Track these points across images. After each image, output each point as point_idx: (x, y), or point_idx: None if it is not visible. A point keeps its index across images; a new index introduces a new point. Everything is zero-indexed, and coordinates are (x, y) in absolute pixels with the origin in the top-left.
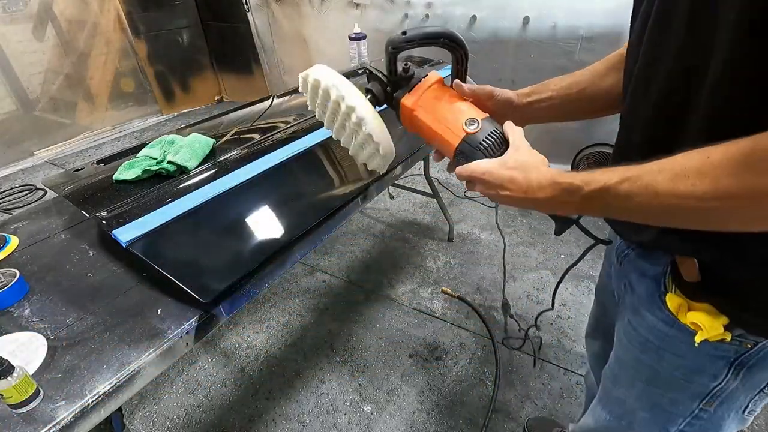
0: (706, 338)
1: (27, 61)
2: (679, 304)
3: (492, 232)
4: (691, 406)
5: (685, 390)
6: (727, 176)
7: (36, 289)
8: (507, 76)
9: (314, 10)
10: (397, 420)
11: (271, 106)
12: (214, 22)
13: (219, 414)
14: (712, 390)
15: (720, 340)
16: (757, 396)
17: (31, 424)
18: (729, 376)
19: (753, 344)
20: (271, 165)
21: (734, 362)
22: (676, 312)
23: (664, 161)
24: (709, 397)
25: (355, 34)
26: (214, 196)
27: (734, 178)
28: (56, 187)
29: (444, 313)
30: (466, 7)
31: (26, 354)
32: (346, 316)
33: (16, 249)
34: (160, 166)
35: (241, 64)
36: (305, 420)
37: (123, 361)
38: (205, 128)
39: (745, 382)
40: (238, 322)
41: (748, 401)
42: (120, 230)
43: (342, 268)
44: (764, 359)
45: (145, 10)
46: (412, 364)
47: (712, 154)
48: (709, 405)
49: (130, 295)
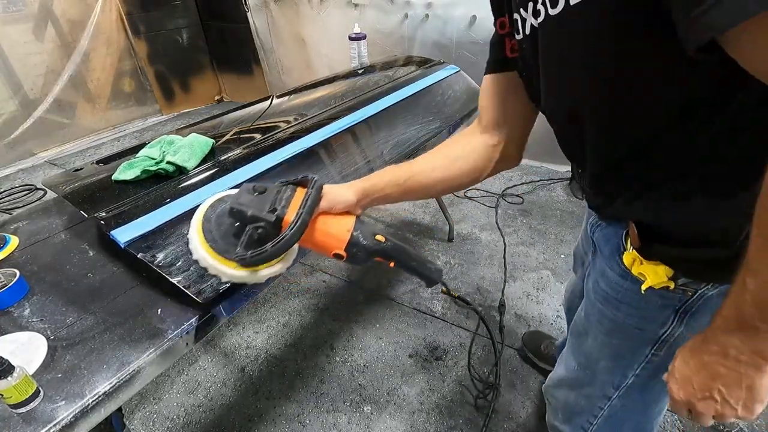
0: (651, 285)
1: (27, 61)
2: (633, 259)
3: (492, 232)
4: (644, 352)
5: (638, 338)
6: None
7: (36, 289)
8: None
9: (313, 11)
10: (397, 420)
11: (271, 106)
12: (214, 22)
13: (219, 414)
14: (661, 336)
15: (665, 288)
16: None
17: (31, 424)
18: (674, 322)
19: (693, 292)
20: (270, 165)
21: (679, 310)
22: (629, 266)
23: None
24: (659, 343)
25: (355, 34)
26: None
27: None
28: (56, 187)
29: (444, 313)
30: (466, 7)
31: (26, 354)
32: (346, 316)
33: (16, 249)
34: (159, 167)
35: (241, 64)
36: (305, 420)
37: (123, 361)
38: (205, 128)
39: (689, 328)
40: (238, 322)
41: None
42: (119, 230)
43: (342, 268)
44: (704, 305)
45: (145, 10)
46: (412, 364)
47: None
48: (659, 350)
49: (130, 295)
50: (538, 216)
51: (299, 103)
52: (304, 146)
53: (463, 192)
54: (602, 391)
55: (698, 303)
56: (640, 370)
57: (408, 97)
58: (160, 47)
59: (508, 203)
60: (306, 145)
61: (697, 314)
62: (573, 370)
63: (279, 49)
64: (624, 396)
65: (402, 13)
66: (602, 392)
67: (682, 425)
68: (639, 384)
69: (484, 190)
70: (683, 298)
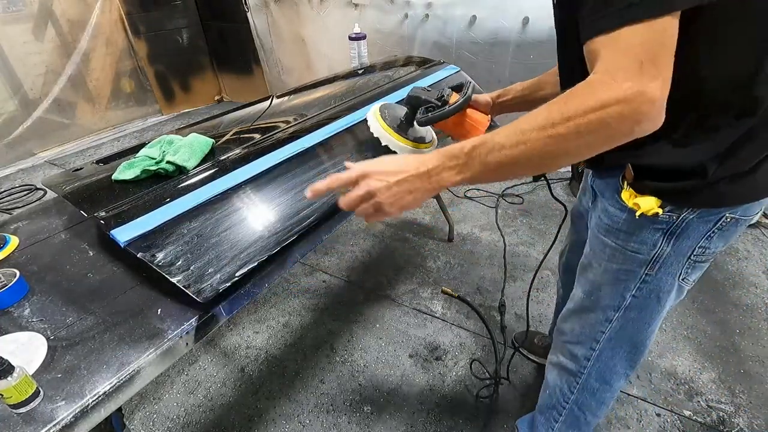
0: (643, 212)
1: (27, 61)
2: (629, 194)
3: (492, 232)
4: (639, 273)
5: (634, 260)
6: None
7: (36, 289)
8: (506, 77)
9: (313, 11)
10: (397, 420)
11: (271, 106)
12: (214, 22)
13: (219, 414)
14: (653, 257)
15: (655, 214)
16: (687, 263)
17: (31, 424)
18: (663, 243)
19: (677, 216)
20: (270, 165)
21: (666, 232)
22: (626, 201)
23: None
24: (652, 263)
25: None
26: (213, 195)
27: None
28: (55, 186)
29: (444, 313)
30: (466, 7)
31: (26, 354)
32: (346, 316)
33: (16, 249)
34: (159, 166)
35: (241, 64)
36: (305, 420)
37: (123, 361)
38: (205, 128)
39: (675, 248)
40: (238, 322)
41: (681, 268)
42: (118, 230)
43: (342, 268)
44: (686, 229)
45: (145, 10)
46: (412, 364)
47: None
48: (651, 269)
49: (130, 295)
50: (538, 216)
51: (299, 103)
52: (304, 146)
53: (463, 192)
54: (604, 315)
55: (681, 226)
56: (636, 290)
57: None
58: (160, 47)
59: (508, 203)
60: (306, 145)
61: (681, 236)
62: (580, 300)
63: (279, 49)
64: (622, 317)
65: (402, 13)
66: (604, 316)
67: (682, 425)
68: (635, 304)
69: (484, 190)
70: (670, 222)
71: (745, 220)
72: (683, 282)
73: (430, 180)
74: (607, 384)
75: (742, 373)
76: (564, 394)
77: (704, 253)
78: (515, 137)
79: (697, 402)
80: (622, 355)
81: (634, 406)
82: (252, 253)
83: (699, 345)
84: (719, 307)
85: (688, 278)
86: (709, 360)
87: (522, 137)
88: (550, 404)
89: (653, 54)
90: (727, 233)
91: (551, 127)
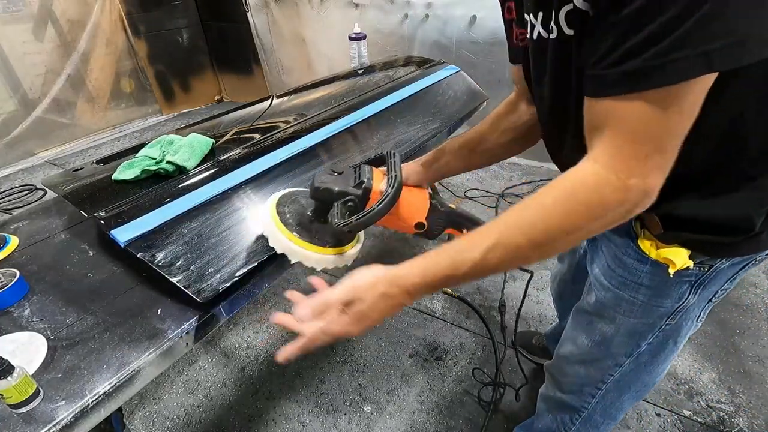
0: (677, 270)
1: (27, 61)
2: (651, 244)
3: None
4: (659, 324)
5: (655, 313)
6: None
7: (36, 289)
8: (507, 77)
9: (314, 11)
10: (397, 420)
11: (271, 106)
12: (214, 22)
13: (219, 414)
14: (677, 308)
15: (685, 268)
16: (707, 305)
17: (31, 424)
18: (690, 295)
19: (709, 267)
20: (270, 165)
21: (695, 284)
22: (648, 252)
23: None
24: (674, 314)
25: (355, 34)
26: (213, 195)
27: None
28: (55, 186)
29: (444, 313)
30: (466, 7)
31: (26, 354)
32: None
33: (16, 249)
34: (159, 166)
35: (241, 64)
36: (305, 420)
37: (123, 361)
38: (205, 128)
39: (700, 296)
40: (238, 322)
41: (701, 311)
42: (118, 230)
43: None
44: (716, 277)
45: (145, 10)
46: (412, 364)
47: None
48: (672, 319)
49: (130, 295)
50: None
51: (299, 103)
52: (304, 146)
53: (463, 192)
54: (615, 361)
55: (711, 276)
56: (653, 339)
57: (408, 97)
58: (160, 47)
59: (508, 203)
60: (306, 145)
61: (708, 285)
62: (585, 347)
63: (279, 49)
64: (635, 362)
65: (402, 13)
66: (615, 362)
67: (682, 425)
68: (650, 350)
69: (484, 190)
70: (700, 273)
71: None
72: (699, 321)
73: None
74: (612, 419)
75: (742, 373)
76: (565, 424)
77: (724, 293)
78: (490, 245)
79: (697, 402)
80: (631, 394)
81: (634, 406)
82: (252, 252)
83: (699, 345)
84: (719, 307)
85: (704, 315)
86: (709, 360)
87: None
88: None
89: (662, 141)
90: (747, 271)
91: (543, 232)
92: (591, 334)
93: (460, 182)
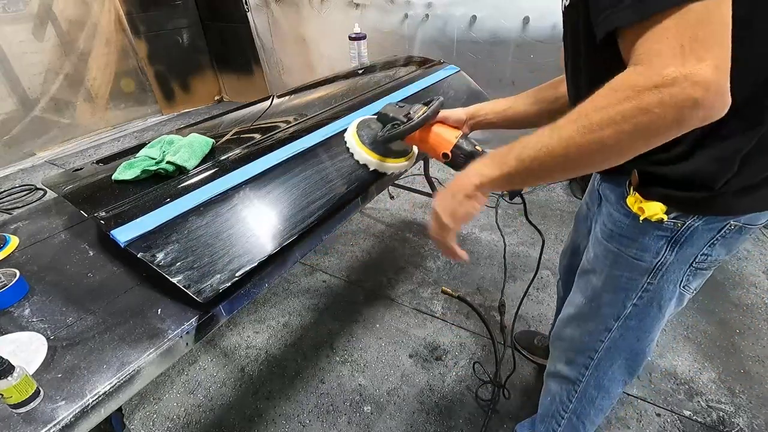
0: (647, 217)
1: (27, 61)
2: (635, 200)
3: (492, 232)
4: (641, 281)
5: (637, 268)
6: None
7: (36, 289)
8: (507, 77)
9: (314, 11)
10: (397, 420)
11: (271, 106)
12: (214, 22)
13: (219, 414)
14: (656, 265)
15: (659, 220)
16: (689, 270)
17: (31, 424)
18: (666, 251)
19: (683, 223)
20: (270, 165)
21: (671, 240)
22: (632, 206)
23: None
24: (654, 272)
25: (355, 34)
26: (213, 196)
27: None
28: (55, 187)
29: (444, 313)
30: (466, 7)
31: (26, 354)
32: (346, 316)
33: (16, 249)
34: (159, 166)
35: (241, 64)
36: (305, 420)
37: (123, 361)
38: (205, 128)
39: (678, 256)
40: (238, 322)
41: (683, 276)
42: (118, 230)
43: (342, 268)
44: (691, 236)
45: (145, 10)
46: (412, 364)
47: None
48: (654, 278)
49: (130, 295)
50: (538, 216)
51: (299, 103)
52: (304, 146)
53: None
54: (604, 324)
55: (686, 234)
56: (637, 299)
57: (408, 97)
58: (160, 47)
59: (508, 203)
60: (306, 145)
61: (685, 244)
62: (580, 305)
63: (279, 49)
64: (622, 326)
65: (402, 13)
66: (604, 325)
67: (682, 425)
68: (635, 313)
69: None
70: (675, 229)
71: (748, 229)
72: (684, 290)
73: (469, 179)
74: (606, 392)
75: (742, 373)
76: (563, 402)
77: (706, 261)
78: (548, 131)
79: (697, 402)
80: (621, 364)
81: (634, 406)
82: (252, 252)
83: (699, 345)
84: (719, 307)
85: (689, 286)
86: (709, 360)
87: (555, 131)
88: (549, 413)
89: (695, 33)
90: (729, 241)
91: (585, 116)
92: (585, 290)
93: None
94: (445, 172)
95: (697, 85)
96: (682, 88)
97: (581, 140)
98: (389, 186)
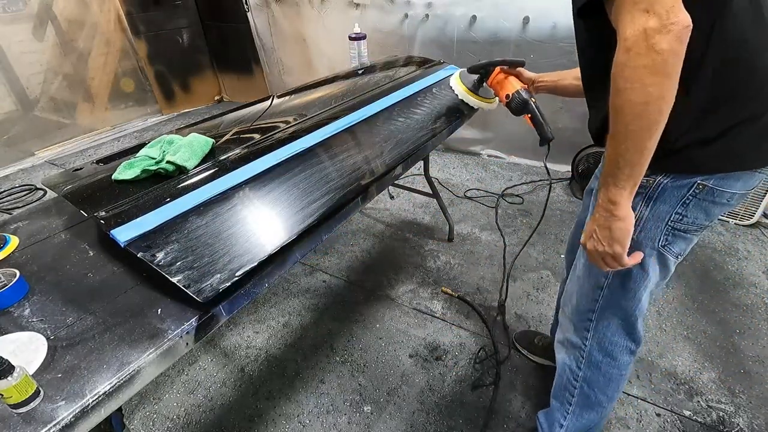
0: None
1: (27, 61)
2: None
3: (492, 232)
4: None
5: None
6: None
7: (36, 289)
8: None
9: (314, 11)
10: (397, 420)
11: (271, 106)
12: (214, 22)
13: (219, 414)
14: (635, 220)
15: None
16: (665, 229)
17: (31, 424)
18: (642, 206)
19: (653, 180)
20: (270, 165)
21: (645, 196)
22: None
23: None
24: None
25: (355, 33)
26: (213, 195)
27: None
28: (55, 186)
29: (444, 313)
30: (466, 7)
31: (26, 354)
32: (346, 316)
33: (16, 249)
34: (159, 166)
35: (241, 64)
36: (305, 420)
37: (123, 361)
38: (205, 128)
39: (653, 212)
40: (238, 322)
41: (660, 234)
42: (118, 230)
43: (342, 268)
44: (662, 193)
45: (145, 10)
46: (412, 364)
47: None
48: (633, 233)
49: (130, 295)
50: (537, 216)
51: (299, 103)
52: (304, 146)
53: (463, 192)
54: (596, 282)
55: (657, 190)
56: None
57: (408, 97)
58: (160, 47)
59: (508, 203)
60: (306, 145)
61: (657, 200)
62: (580, 270)
63: (279, 48)
64: (611, 284)
65: (402, 13)
66: (596, 283)
67: (682, 425)
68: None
69: (484, 190)
70: (647, 186)
71: (722, 193)
72: (665, 250)
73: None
74: (609, 356)
75: (742, 373)
76: (573, 371)
77: (682, 221)
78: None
79: (697, 402)
80: (618, 325)
81: (634, 406)
82: (252, 252)
83: (699, 345)
84: (719, 307)
85: (670, 247)
86: (709, 360)
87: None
88: (561, 384)
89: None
90: (704, 204)
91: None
92: (583, 254)
93: (460, 182)
94: (446, 172)
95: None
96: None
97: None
98: (389, 186)
